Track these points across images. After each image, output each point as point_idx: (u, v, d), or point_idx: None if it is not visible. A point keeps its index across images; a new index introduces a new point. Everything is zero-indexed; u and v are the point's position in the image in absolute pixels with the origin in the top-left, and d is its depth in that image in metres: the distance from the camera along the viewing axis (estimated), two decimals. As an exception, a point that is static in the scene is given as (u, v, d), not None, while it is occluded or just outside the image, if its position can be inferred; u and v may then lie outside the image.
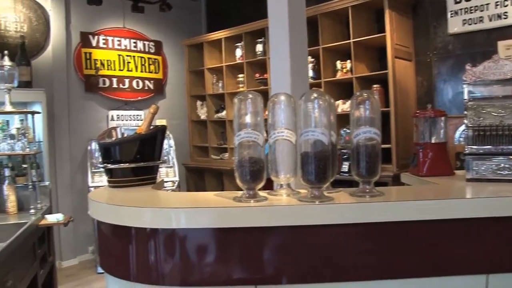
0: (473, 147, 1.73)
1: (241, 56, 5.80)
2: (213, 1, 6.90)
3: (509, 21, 3.95)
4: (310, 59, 4.67)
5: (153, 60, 6.29)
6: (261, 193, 1.46)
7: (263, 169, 1.42)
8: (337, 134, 1.59)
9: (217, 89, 6.22)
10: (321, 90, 3.91)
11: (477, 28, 4.15)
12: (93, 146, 5.44)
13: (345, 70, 4.70)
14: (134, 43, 6.11)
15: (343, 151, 3.42)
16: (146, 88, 6.19)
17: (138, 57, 6.13)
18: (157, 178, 1.94)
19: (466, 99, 1.79)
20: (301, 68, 2.50)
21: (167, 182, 5.17)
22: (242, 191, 1.46)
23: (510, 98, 1.71)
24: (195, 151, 6.57)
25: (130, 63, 6.03)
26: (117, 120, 5.82)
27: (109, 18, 5.91)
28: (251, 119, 1.41)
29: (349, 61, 4.65)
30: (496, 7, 4.03)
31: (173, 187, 5.28)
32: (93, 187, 5.08)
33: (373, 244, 1.40)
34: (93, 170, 5.29)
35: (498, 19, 4.02)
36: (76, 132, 5.52)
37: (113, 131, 1.90)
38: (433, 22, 4.48)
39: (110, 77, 5.85)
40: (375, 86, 4.41)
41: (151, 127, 1.88)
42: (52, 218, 3.05)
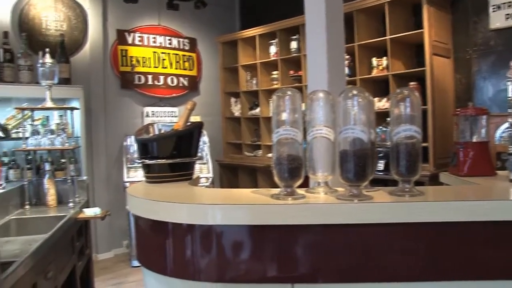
0: (517, 146, 1.67)
1: (276, 53, 5.79)
2: (247, -2, 6.91)
3: (555, 16, 3.81)
4: (345, 56, 4.61)
5: (187, 57, 6.35)
6: (298, 191, 1.45)
7: (301, 167, 1.41)
8: (373, 132, 1.56)
9: (251, 86, 6.22)
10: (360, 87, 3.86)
11: (521, 23, 4.01)
12: (129, 141, 5.55)
13: (381, 67, 4.62)
14: (169, 40, 6.17)
15: (378, 149, 3.37)
16: (180, 85, 6.25)
17: (173, 54, 6.19)
18: (193, 174, 1.95)
19: (510, 97, 1.73)
20: (338, 65, 2.47)
21: (201, 178, 5.21)
22: (279, 189, 1.45)
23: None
24: (228, 148, 6.60)
25: (165, 60, 6.10)
26: (152, 116, 5.92)
27: (145, 15, 5.99)
28: (289, 116, 1.40)
29: (385, 58, 4.57)
30: (541, 2, 3.89)
31: (207, 183, 5.32)
32: (128, 182, 5.17)
33: (412, 244, 1.37)
34: (128, 165, 5.38)
35: (543, 14, 3.88)
36: (112, 128, 5.63)
37: (150, 127, 1.91)
38: (474, 17, 4.35)
39: (145, 74, 5.93)
40: (411, 83, 4.32)
41: (188, 124, 1.89)
42: (89, 212, 3.11)
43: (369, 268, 1.38)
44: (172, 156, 1.82)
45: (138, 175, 5.26)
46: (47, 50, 3.31)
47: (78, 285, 2.97)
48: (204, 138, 5.78)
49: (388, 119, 4.34)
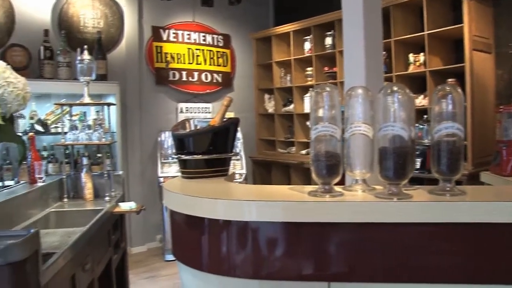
0: None
1: (310, 49, 5.74)
2: (281, -6, 6.88)
3: None
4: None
5: (221, 53, 6.37)
6: (336, 188, 1.43)
7: (339, 164, 1.39)
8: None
9: (285, 83, 6.20)
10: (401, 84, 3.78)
11: None
12: (163, 137, 5.61)
13: (418, 63, 4.52)
14: (203, 36, 6.21)
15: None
16: (214, 81, 6.29)
17: (207, 50, 6.22)
18: (229, 170, 1.95)
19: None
20: (375, 61, 2.43)
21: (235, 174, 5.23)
22: (316, 186, 1.43)
23: None
24: (262, 144, 6.60)
25: (199, 56, 6.14)
26: (186, 112, 5.98)
27: (179, 12, 6.04)
28: (328, 112, 1.38)
29: (422, 54, 4.47)
30: None
31: (240, 179, 5.33)
32: (162, 177, 5.23)
33: (452, 245, 1.33)
34: (162, 160, 5.45)
35: None
36: (146, 123, 5.71)
37: (186, 122, 1.92)
38: (517, 11, 4.20)
39: (179, 70, 5.98)
40: (450, 80, 4.22)
41: (224, 119, 1.90)
42: (125, 206, 3.16)
43: (407, 268, 1.35)
44: (208, 151, 1.82)
45: (171, 170, 5.32)
46: (85, 47, 3.37)
47: (113, 278, 3.03)
48: (237, 134, 5.78)
49: (425, 116, 4.29)
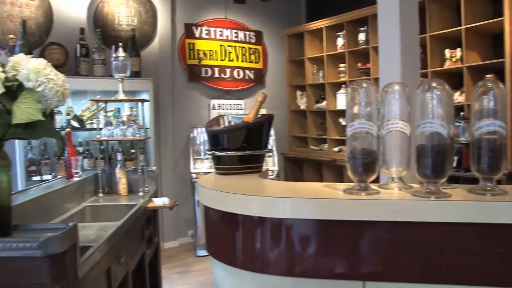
0: None
1: (343, 45, 5.68)
2: (313, -11, 6.83)
3: None
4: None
5: (253, 50, 6.37)
6: (372, 186, 1.41)
7: (376, 161, 1.37)
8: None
9: (317, 79, 6.15)
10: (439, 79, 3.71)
11: None
12: (195, 133, 5.66)
13: (454, 59, 4.41)
14: (235, 33, 6.22)
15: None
16: (246, 77, 6.30)
17: (239, 47, 6.24)
18: (263, 167, 1.95)
19: None
20: (411, 56, 2.38)
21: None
22: (352, 183, 1.42)
23: None
24: (294, 141, 6.57)
25: (231, 53, 6.16)
26: (218, 109, 6.01)
27: (212, 9, 6.07)
28: (364, 109, 1.36)
29: (459, 49, 4.35)
30: None
31: (272, 176, 5.33)
32: (194, 173, 5.28)
33: (491, 247, 1.29)
34: (194, 156, 5.49)
35: None
36: (179, 119, 5.76)
37: (220, 119, 1.93)
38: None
39: (212, 67, 6.02)
40: (488, 76, 4.09)
41: (258, 116, 1.89)
42: (159, 201, 3.19)
43: (443, 269, 1.32)
44: (242, 148, 1.82)
45: (204, 166, 5.36)
46: (120, 44, 3.42)
47: (147, 272, 3.07)
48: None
49: (461, 113, 4.18)
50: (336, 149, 5.75)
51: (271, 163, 5.55)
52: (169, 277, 4.56)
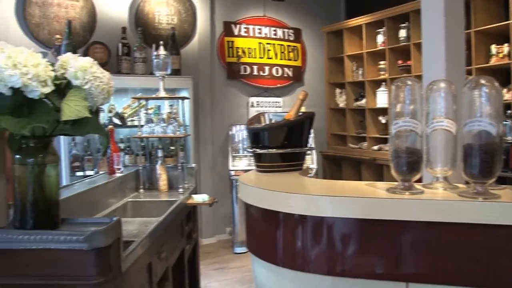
0: None
1: (383, 42, 5.58)
2: (352, -14, 6.73)
3: None
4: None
5: (292, 47, 6.34)
6: (416, 186, 1.38)
7: (420, 160, 1.34)
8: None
9: (356, 77, 6.07)
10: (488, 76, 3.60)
11: None
12: (234, 130, 5.69)
13: (501, 55, 4.27)
14: (274, 31, 6.21)
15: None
16: (285, 75, 6.28)
17: (277, 44, 6.22)
18: (303, 165, 1.94)
19: None
20: (456, 53, 2.32)
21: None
22: (395, 182, 1.39)
23: None
24: (332, 139, 6.52)
25: (270, 50, 6.15)
26: (257, 106, 6.02)
27: (250, 7, 6.08)
28: (409, 107, 1.33)
29: (506, 44, 4.20)
30: None
31: (311, 174, 5.29)
32: (233, 170, 5.30)
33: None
34: (233, 154, 5.52)
35: None
36: (218, 117, 5.81)
37: (261, 116, 1.93)
38: None
39: (250, 65, 6.03)
40: (537, 72, 3.95)
41: (299, 114, 1.88)
42: (198, 198, 3.22)
43: (491, 272, 1.28)
44: (283, 146, 1.82)
45: (242, 163, 5.38)
46: (161, 42, 3.47)
47: (186, 267, 3.11)
48: (310, 129, 5.75)
49: (508, 111, 4.04)
50: (375, 147, 5.67)
51: (310, 161, 5.51)
52: (207, 273, 4.60)
